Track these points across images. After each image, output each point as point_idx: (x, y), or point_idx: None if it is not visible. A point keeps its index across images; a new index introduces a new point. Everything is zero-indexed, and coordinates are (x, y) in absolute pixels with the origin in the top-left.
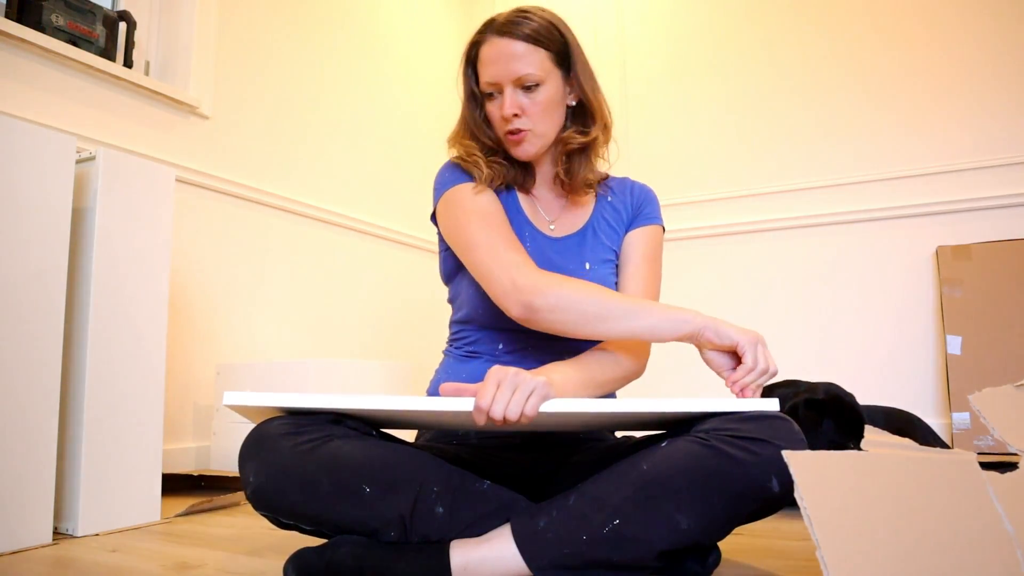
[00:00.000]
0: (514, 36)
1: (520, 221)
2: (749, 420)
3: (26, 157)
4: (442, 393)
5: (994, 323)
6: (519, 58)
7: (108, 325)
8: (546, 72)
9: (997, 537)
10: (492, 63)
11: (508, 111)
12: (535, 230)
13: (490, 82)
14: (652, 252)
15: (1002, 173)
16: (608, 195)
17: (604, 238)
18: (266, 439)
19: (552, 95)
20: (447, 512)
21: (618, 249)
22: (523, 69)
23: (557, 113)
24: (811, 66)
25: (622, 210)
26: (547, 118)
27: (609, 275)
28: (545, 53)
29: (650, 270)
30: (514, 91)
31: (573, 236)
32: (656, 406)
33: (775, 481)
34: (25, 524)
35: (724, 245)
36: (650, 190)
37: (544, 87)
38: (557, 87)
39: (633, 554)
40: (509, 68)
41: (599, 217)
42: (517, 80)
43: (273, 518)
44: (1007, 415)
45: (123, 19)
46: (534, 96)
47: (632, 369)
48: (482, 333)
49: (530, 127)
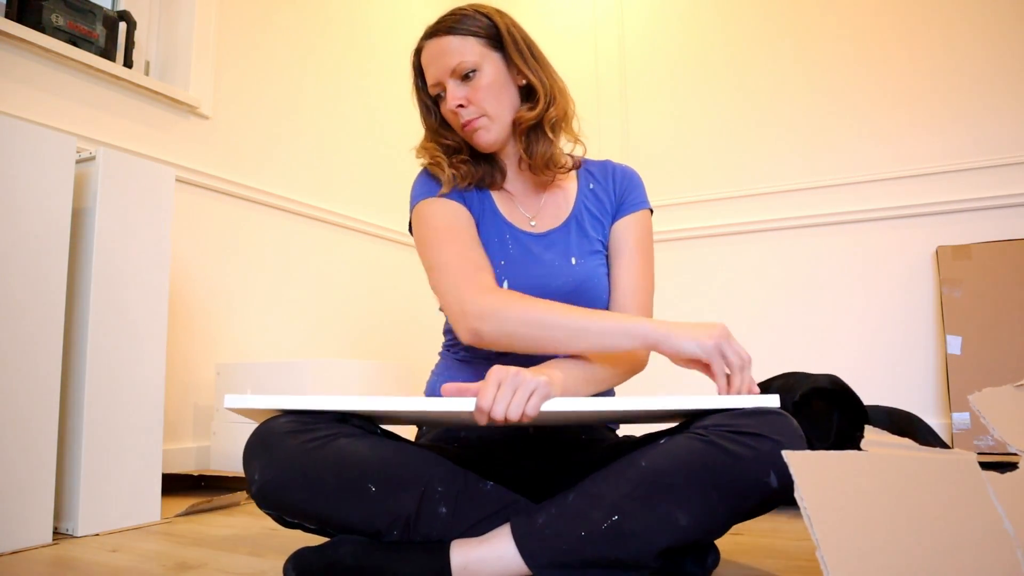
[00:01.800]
0: (443, 33)
1: (498, 223)
2: (748, 416)
3: (26, 157)
4: (443, 393)
5: (994, 323)
6: (450, 51)
7: (108, 325)
8: (480, 56)
9: (997, 537)
10: (430, 65)
11: (452, 103)
12: (516, 230)
13: (433, 84)
14: (643, 240)
15: (1002, 173)
16: (590, 182)
17: (589, 229)
18: (272, 437)
19: (493, 78)
20: (450, 512)
21: (605, 239)
22: (455, 59)
23: (505, 95)
24: (811, 66)
25: (605, 199)
26: (494, 101)
27: (597, 267)
28: (475, 40)
29: (643, 259)
30: (455, 83)
31: (557, 230)
32: (656, 403)
33: (773, 476)
34: (25, 524)
35: (724, 245)
36: (633, 172)
37: (482, 72)
38: (497, 69)
39: (632, 551)
40: (443, 63)
41: (582, 208)
42: (453, 72)
43: (277, 516)
44: (1007, 415)
45: (123, 19)
46: (474, 83)
47: (634, 364)
48: None
49: (479, 113)
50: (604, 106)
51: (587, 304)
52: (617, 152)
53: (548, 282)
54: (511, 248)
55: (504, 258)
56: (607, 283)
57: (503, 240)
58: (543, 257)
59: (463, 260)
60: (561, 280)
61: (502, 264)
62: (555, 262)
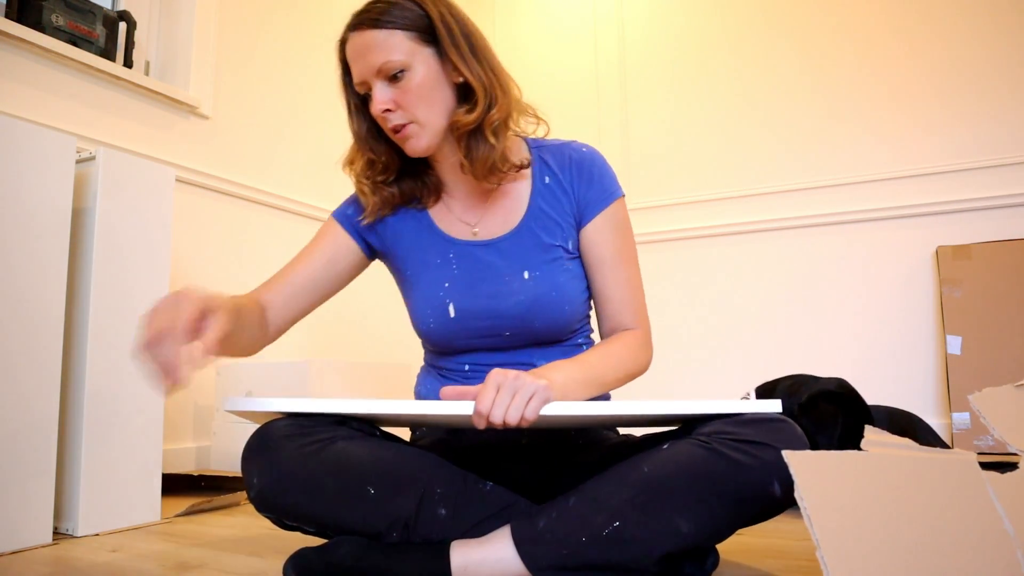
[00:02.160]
0: (368, 25)
1: (437, 241)
2: (751, 423)
3: (26, 157)
4: (442, 396)
5: (994, 323)
6: (376, 47)
7: (108, 325)
8: (409, 54)
9: (997, 537)
10: (354, 61)
11: (377, 108)
12: (459, 244)
13: (359, 82)
14: (621, 241)
15: (1002, 173)
16: (545, 174)
17: (546, 234)
18: (271, 441)
19: (424, 78)
20: (450, 514)
21: (567, 243)
22: (380, 58)
23: (438, 96)
24: (811, 66)
25: (564, 198)
26: (424, 104)
27: (555, 276)
28: (404, 34)
29: (626, 263)
30: (382, 85)
31: (507, 237)
32: (657, 408)
33: (777, 485)
34: (25, 524)
35: (724, 245)
36: (593, 159)
37: (411, 72)
38: (429, 68)
39: (632, 556)
40: (367, 61)
41: (537, 209)
42: (379, 72)
43: (276, 519)
44: (1007, 415)
45: (123, 19)
46: (403, 84)
47: (635, 368)
48: (443, 359)
49: (409, 119)
50: (604, 106)
51: (543, 320)
52: (617, 152)
53: (498, 303)
54: (455, 267)
55: (448, 279)
56: (571, 290)
57: (446, 259)
58: (492, 272)
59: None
60: (512, 300)
61: (446, 287)
62: (505, 277)
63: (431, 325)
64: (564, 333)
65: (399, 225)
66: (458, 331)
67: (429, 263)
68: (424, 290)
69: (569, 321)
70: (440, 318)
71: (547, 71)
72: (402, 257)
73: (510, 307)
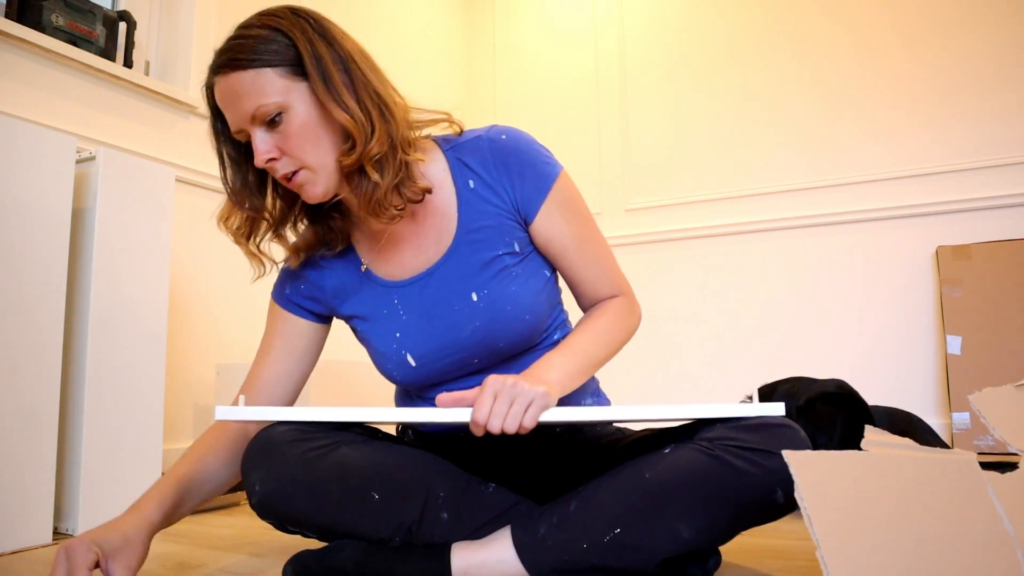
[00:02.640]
0: (232, 67)
1: (376, 290)
2: (754, 430)
3: (26, 157)
4: (438, 403)
5: (994, 323)
6: (246, 91)
7: (108, 325)
8: (283, 93)
9: (997, 537)
10: (226, 108)
11: (261, 159)
12: (400, 287)
13: (236, 131)
14: (573, 222)
15: (1002, 173)
16: (469, 178)
17: (485, 249)
18: (272, 446)
19: (304, 118)
20: (452, 517)
21: (516, 247)
22: (252, 103)
23: (322, 135)
24: (811, 66)
25: (493, 198)
26: (310, 146)
27: (506, 287)
28: (273, 71)
29: (584, 240)
30: (261, 132)
31: (443, 263)
32: (658, 413)
33: (780, 492)
34: (25, 524)
35: (724, 245)
36: (514, 142)
37: (289, 113)
38: (307, 105)
39: (633, 562)
40: (239, 108)
41: (469, 222)
42: (253, 119)
43: (278, 525)
44: (1007, 415)
45: (123, 19)
46: (283, 128)
47: (625, 336)
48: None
49: (298, 165)
50: (604, 106)
51: (505, 336)
52: (617, 152)
53: (455, 337)
54: (402, 313)
55: (398, 328)
56: (526, 297)
57: (392, 307)
58: (439, 306)
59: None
60: (468, 329)
61: (397, 337)
62: (454, 307)
63: (396, 377)
64: (533, 339)
65: (335, 281)
66: (425, 375)
67: (375, 315)
68: (378, 345)
69: (533, 328)
70: (402, 369)
71: (547, 72)
72: (347, 313)
73: (467, 336)
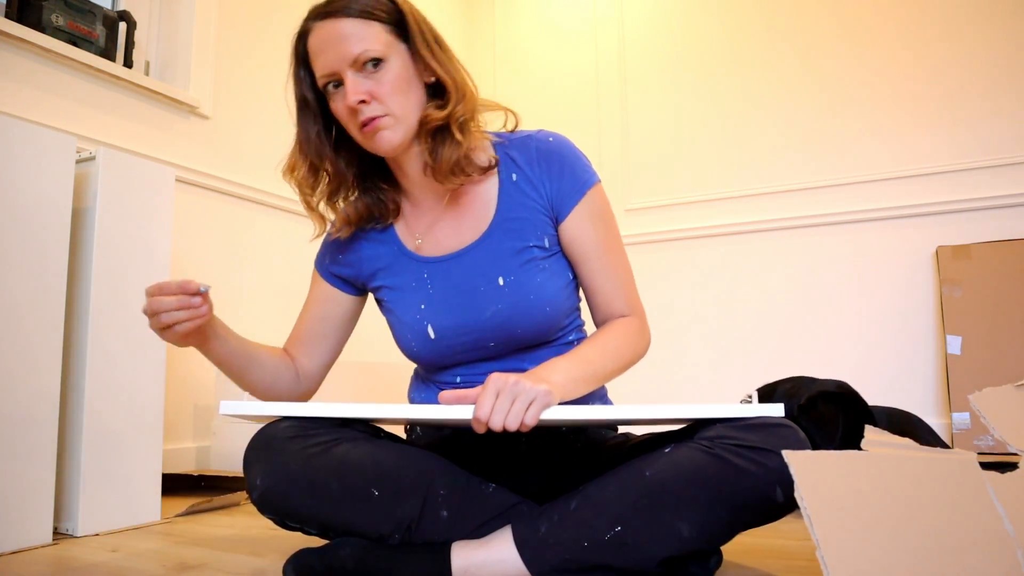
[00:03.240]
0: (341, 14)
1: (408, 264)
2: (754, 429)
3: (26, 157)
4: (440, 401)
5: (994, 323)
6: (352, 37)
7: (108, 325)
8: (386, 46)
9: (997, 537)
10: (324, 51)
11: (352, 98)
12: (431, 263)
13: (326, 73)
14: (600, 229)
15: (1002, 173)
16: (512, 172)
17: (516, 238)
18: (274, 442)
19: (400, 71)
20: (452, 516)
21: (545, 242)
22: (358, 47)
23: (412, 91)
24: (811, 66)
25: (534, 193)
26: (401, 97)
27: (533, 277)
28: (380, 26)
29: (612, 254)
30: (356, 75)
31: (477, 245)
32: (658, 412)
33: (779, 491)
34: (25, 524)
35: (724, 245)
36: (560, 148)
37: (388, 63)
38: (404, 62)
39: (634, 561)
40: (343, 50)
41: (507, 210)
42: (355, 61)
43: (279, 520)
44: (1007, 415)
45: (123, 19)
46: (380, 76)
47: (632, 356)
48: (433, 373)
49: (385, 111)
50: (604, 106)
51: (526, 324)
52: (617, 152)
53: (476, 316)
54: (430, 287)
55: (423, 300)
56: (550, 290)
57: (420, 281)
58: (466, 285)
59: (294, 332)
60: (490, 311)
61: (422, 308)
62: (480, 288)
63: (414, 348)
64: (550, 334)
65: (370, 252)
66: (442, 350)
67: (404, 287)
68: (402, 315)
69: (552, 321)
70: (421, 341)
71: (547, 72)
72: (377, 284)
73: (489, 318)
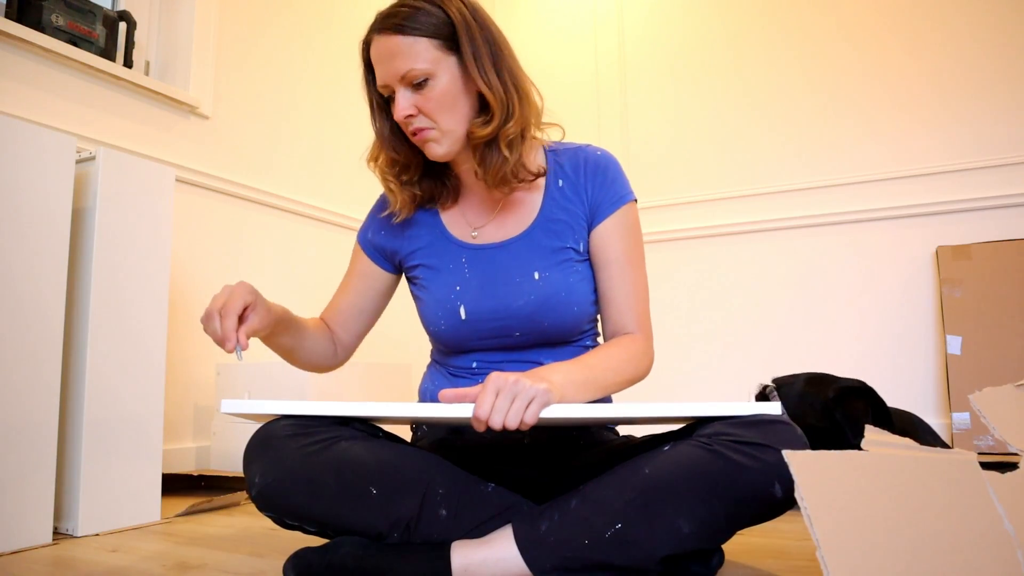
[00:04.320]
0: (391, 30)
1: (450, 247)
2: (752, 426)
3: (26, 157)
4: (441, 399)
5: (994, 323)
6: (400, 54)
7: (108, 325)
8: (433, 63)
9: (997, 537)
10: (378, 64)
11: (400, 114)
12: (471, 248)
13: (381, 85)
14: (630, 244)
15: (1002, 173)
16: (559, 177)
17: (555, 238)
18: (272, 440)
19: (447, 87)
20: (451, 515)
21: (578, 245)
22: (405, 65)
23: (459, 106)
24: (811, 66)
25: (576, 199)
26: (446, 112)
27: (566, 278)
28: (429, 42)
29: (632, 267)
30: (404, 90)
31: (519, 239)
32: (657, 411)
33: (778, 487)
34: (25, 524)
35: (723, 245)
36: (607, 161)
37: (435, 80)
38: (452, 77)
39: (635, 558)
40: (393, 67)
41: (549, 211)
42: (403, 79)
43: (277, 519)
44: (1007, 415)
45: (123, 19)
46: (426, 92)
47: (635, 374)
48: (452, 357)
49: (430, 125)
50: (604, 106)
51: (552, 320)
52: (617, 152)
53: (508, 303)
54: (467, 271)
55: (459, 282)
56: (581, 291)
57: (458, 264)
58: (503, 273)
59: (332, 303)
60: (523, 300)
61: (457, 290)
62: (515, 279)
63: (441, 326)
64: (573, 334)
65: (414, 230)
66: (469, 332)
67: (442, 267)
68: (436, 293)
69: (577, 322)
70: (451, 320)
71: (547, 71)
72: (415, 262)
73: (520, 307)
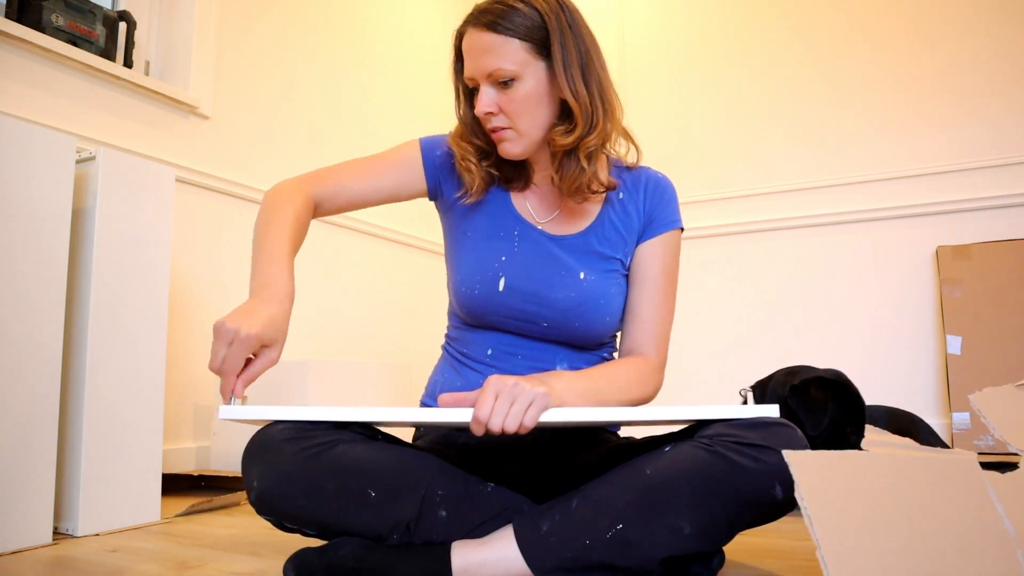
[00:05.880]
0: (486, 27)
1: (508, 218)
2: (753, 427)
3: (26, 157)
4: (440, 403)
5: (994, 323)
6: (490, 51)
7: (108, 325)
8: (522, 65)
9: (997, 537)
10: (468, 56)
11: (481, 109)
12: (528, 226)
13: (468, 77)
14: (669, 266)
15: (1002, 173)
16: (620, 191)
17: (607, 247)
18: (271, 443)
19: (531, 91)
20: (451, 516)
21: (626, 258)
22: (493, 64)
23: (540, 110)
24: (812, 67)
25: (634, 213)
26: (526, 116)
27: (609, 286)
28: (520, 44)
29: (666, 288)
30: (489, 87)
31: (573, 237)
32: (655, 414)
33: (779, 488)
34: (25, 524)
35: (724, 245)
36: (666, 185)
37: (521, 82)
38: (538, 81)
39: (635, 559)
40: (480, 63)
41: (606, 219)
42: (489, 76)
43: (277, 522)
44: (1007, 415)
45: (123, 19)
46: (510, 93)
47: (640, 395)
48: (471, 333)
49: (508, 125)
50: None
51: (584, 322)
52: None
53: (548, 292)
54: (517, 245)
55: (506, 254)
56: (617, 303)
57: (510, 235)
58: (550, 262)
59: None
60: (563, 294)
61: (503, 260)
62: (562, 271)
63: (476, 292)
64: (594, 341)
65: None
66: (500, 306)
67: (493, 234)
68: (479, 256)
69: (605, 331)
70: (487, 288)
71: None
72: (468, 219)
73: (558, 299)
